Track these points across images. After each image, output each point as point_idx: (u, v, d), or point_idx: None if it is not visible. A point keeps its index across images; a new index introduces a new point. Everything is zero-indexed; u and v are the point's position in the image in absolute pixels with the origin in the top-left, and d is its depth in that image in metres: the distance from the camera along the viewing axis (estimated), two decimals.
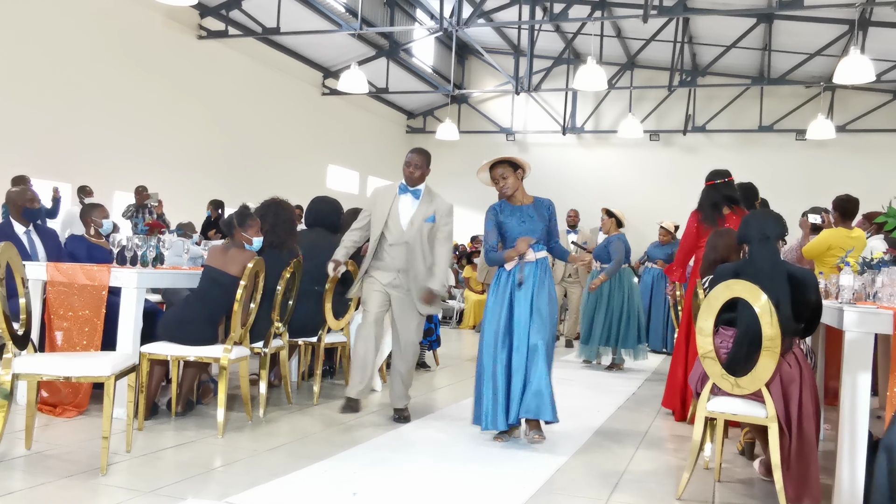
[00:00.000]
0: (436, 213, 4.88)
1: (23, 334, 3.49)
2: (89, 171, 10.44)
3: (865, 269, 3.71)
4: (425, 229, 4.84)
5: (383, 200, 4.91)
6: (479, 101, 19.22)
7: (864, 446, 3.14)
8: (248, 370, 4.64)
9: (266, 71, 14.42)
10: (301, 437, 4.29)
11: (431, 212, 4.87)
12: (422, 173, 4.88)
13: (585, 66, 10.86)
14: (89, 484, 3.25)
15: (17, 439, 3.81)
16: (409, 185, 4.88)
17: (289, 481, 3.44)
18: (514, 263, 4.42)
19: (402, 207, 4.86)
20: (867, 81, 9.71)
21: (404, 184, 4.90)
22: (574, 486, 3.62)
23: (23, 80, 9.79)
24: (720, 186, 5.21)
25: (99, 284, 4.46)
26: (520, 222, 4.50)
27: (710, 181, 5.27)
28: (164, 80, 12.04)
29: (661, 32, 14.24)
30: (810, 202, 7.60)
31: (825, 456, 3.65)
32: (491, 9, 14.84)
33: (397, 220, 4.84)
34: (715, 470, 3.87)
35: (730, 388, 3.34)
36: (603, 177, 17.67)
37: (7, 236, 5.09)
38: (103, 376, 3.39)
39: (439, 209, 4.91)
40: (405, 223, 4.84)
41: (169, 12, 11.87)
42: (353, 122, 17.35)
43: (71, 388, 4.45)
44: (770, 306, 3.21)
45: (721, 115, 16.77)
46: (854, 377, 3.16)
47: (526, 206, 4.55)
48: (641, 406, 5.79)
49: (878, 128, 15.96)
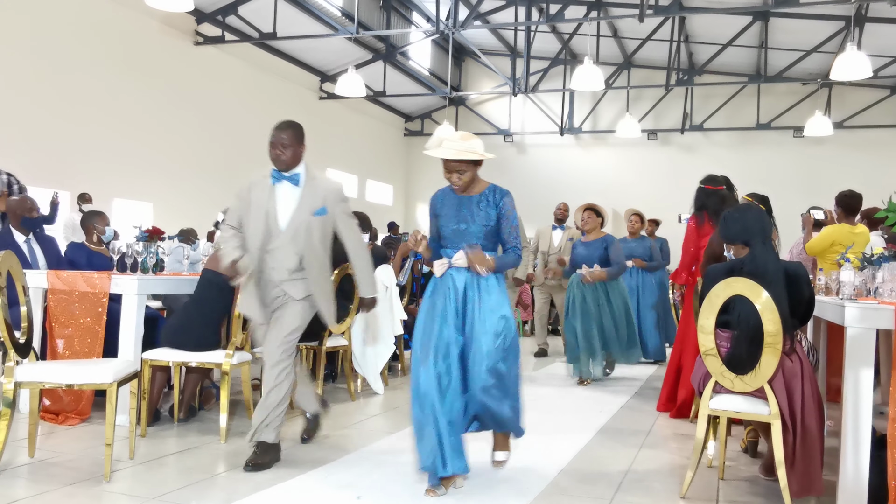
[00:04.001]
0: (325, 201, 3.84)
1: (24, 342, 3.50)
2: (88, 178, 10.44)
3: (866, 264, 3.71)
4: (315, 226, 3.81)
5: (257, 194, 3.84)
6: (477, 103, 19.23)
7: (867, 442, 3.14)
8: (250, 375, 4.64)
9: (263, 76, 14.43)
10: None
11: (320, 201, 3.82)
12: (294, 152, 3.81)
13: (582, 67, 10.89)
14: (93, 491, 3.25)
15: (20, 447, 3.81)
16: (280, 171, 3.83)
17: (292, 486, 3.44)
18: (444, 268, 3.55)
19: (279, 200, 3.81)
20: (864, 77, 9.73)
21: (276, 170, 3.84)
22: (578, 486, 3.62)
23: (20, 87, 9.79)
24: (707, 192, 5.29)
25: (100, 292, 4.47)
26: (456, 219, 3.55)
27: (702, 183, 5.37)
28: (162, 86, 12.05)
29: (658, 31, 14.27)
30: (809, 199, 7.62)
31: (828, 452, 3.64)
32: (487, 11, 14.86)
33: (275, 216, 3.80)
34: (718, 468, 3.87)
35: (731, 386, 3.34)
36: (601, 177, 17.67)
37: (7, 245, 5.09)
38: (105, 383, 3.39)
39: (329, 195, 3.86)
40: (284, 220, 3.80)
41: (165, 19, 11.88)
42: (350, 126, 17.36)
43: (73, 395, 4.44)
44: (772, 303, 3.21)
45: (718, 114, 16.79)
46: (856, 373, 3.16)
47: (469, 199, 3.56)
48: (644, 405, 5.79)
49: (876, 124, 15.97)
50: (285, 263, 3.78)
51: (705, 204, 5.29)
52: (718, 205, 5.14)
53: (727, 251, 3.77)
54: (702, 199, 5.33)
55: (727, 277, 3.36)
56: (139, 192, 11.61)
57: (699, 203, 5.34)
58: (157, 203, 11.89)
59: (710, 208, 5.23)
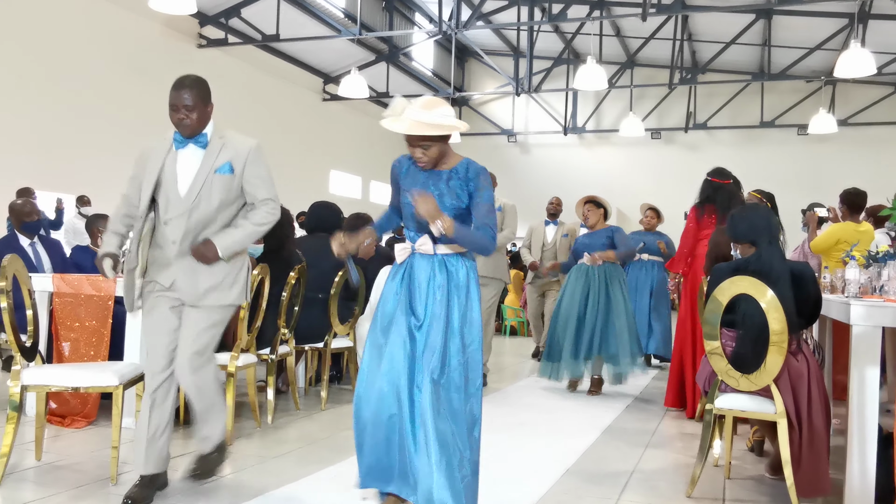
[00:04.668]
0: (232, 160, 3.18)
1: (30, 346, 3.51)
2: (93, 181, 10.46)
3: (871, 262, 3.70)
4: (218, 187, 3.14)
5: (153, 160, 3.23)
6: (480, 104, 19.23)
7: (874, 440, 3.13)
8: (256, 377, 4.64)
9: (266, 78, 14.44)
10: (310, 442, 4.28)
11: (226, 159, 3.18)
12: (200, 114, 3.21)
13: (585, 66, 10.88)
14: (100, 494, 3.26)
15: (27, 451, 3.82)
16: (185, 136, 3.23)
17: (298, 487, 3.45)
18: (406, 253, 2.99)
19: (181, 165, 3.20)
20: (868, 75, 9.71)
21: (178, 133, 3.24)
22: (584, 485, 3.62)
23: (24, 91, 9.83)
24: (715, 185, 5.25)
25: (105, 294, 4.48)
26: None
27: (709, 175, 5.32)
28: (166, 89, 11.85)
29: (661, 30, 14.26)
30: (813, 197, 7.59)
31: (835, 451, 3.63)
32: (489, 11, 14.86)
33: (174, 182, 3.16)
34: (724, 467, 3.87)
35: (737, 385, 3.33)
36: (605, 176, 17.66)
37: (12, 249, 5.11)
38: (111, 386, 3.40)
39: (241, 151, 3.20)
40: (185, 185, 3.15)
41: (168, 22, 11.91)
42: (354, 126, 17.37)
43: (79, 398, 4.45)
44: (777, 302, 3.21)
45: (722, 112, 16.77)
46: (862, 371, 3.15)
47: (437, 174, 2.94)
48: (650, 404, 5.78)
49: (880, 121, 15.94)
50: (183, 235, 3.14)
51: (711, 197, 5.22)
52: (726, 200, 5.06)
53: (734, 250, 3.77)
54: (708, 191, 5.25)
55: (733, 276, 3.36)
56: None
57: (704, 195, 5.27)
58: None
59: (717, 202, 5.15)
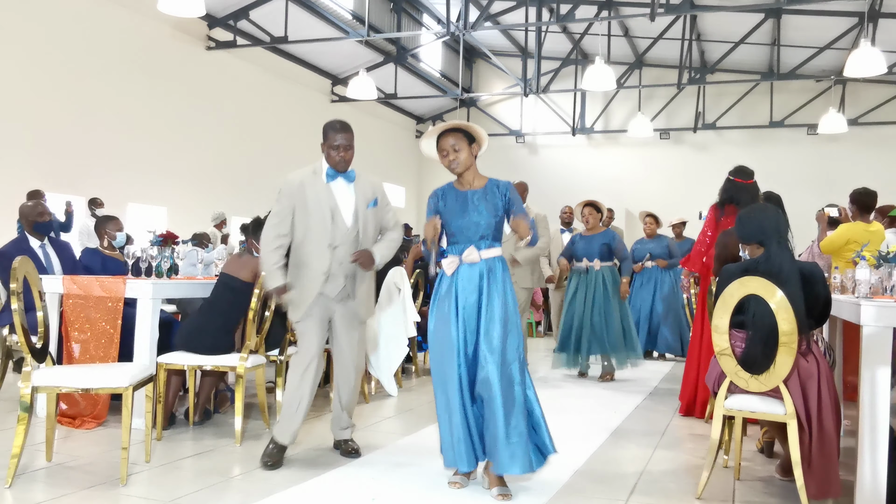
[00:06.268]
0: (375, 194, 3.99)
1: (41, 347, 3.53)
2: (102, 183, 10.52)
3: (882, 262, 3.68)
4: (370, 217, 3.95)
5: (313, 193, 3.88)
6: (488, 104, 19.22)
7: (885, 441, 3.11)
8: (265, 378, 4.65)
9: (275, 80, 14.48)
10: (318, 443, 4.29)
11: (372, 194, 3.97)
12: (352, 153, 3.92)
13: (593, 67, 10.85)
14: (110, 494, 3.28)
15: (37, 451, 3.84)
16: (340, 171, 3.91)
17: (307, 488, 3.45)
18: (455, 265, 3.53)
19: (339, 197, 3.90)
20: (879, 74, 9.64)
21: (332, 168, 3.91)
22: (593, 487, 3.61)
23: (34, 94, 9.88)
24: (738, 185, 5.14)
25: (115, 296, 4.50)
26: (461, 213, 3.52)
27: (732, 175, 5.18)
28: (175, 91, 12.12)
29: (669, 30, 14.21)
30: (824, 197, 7.57)
31: (845, 452, 3.62)
32: (497, 12, 14.85)
33: (339, 213, 3.87)
34: (734, 468, 3.85)
35: (746, 386, 3.32)
36: (614, 177, 17.61)
37: (23, 251, 5.14)
38: (121, 387, 3.42)
39: (377, 188, 4.03)
40: (349, 216, 3.89)
41: (177, 24, 11.96)
42: (362, 128, 17.28)
43: (89, 399, 4.48)
44: (786, 302, 3.19)
45: (731, 112, 16.69)
46: (873, 372, 3.14)
47: (473, 192, 3.55)
48: (659, 405, 5.77)
49: (891, 120, 15.82)
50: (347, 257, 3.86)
51: (734, 197, 5.04)
52: (749, 201, 4.84)
53: (742, 251, 3.76)
54: (731, 191, 5.08)
55: (742, 277, 3.35)
56: (153, 197, 11.68)
57: (727, 195, 5.10)
58: (171, 207, 11.97)
59: (740, 203, 4.93)
